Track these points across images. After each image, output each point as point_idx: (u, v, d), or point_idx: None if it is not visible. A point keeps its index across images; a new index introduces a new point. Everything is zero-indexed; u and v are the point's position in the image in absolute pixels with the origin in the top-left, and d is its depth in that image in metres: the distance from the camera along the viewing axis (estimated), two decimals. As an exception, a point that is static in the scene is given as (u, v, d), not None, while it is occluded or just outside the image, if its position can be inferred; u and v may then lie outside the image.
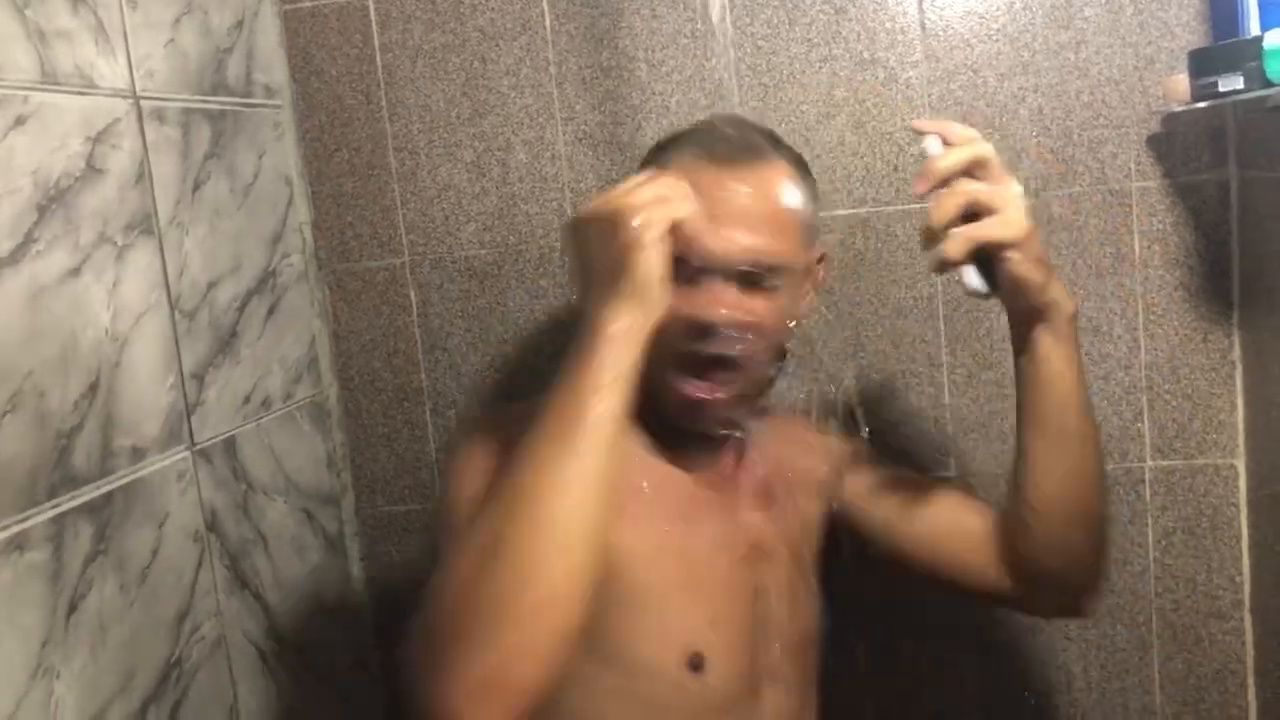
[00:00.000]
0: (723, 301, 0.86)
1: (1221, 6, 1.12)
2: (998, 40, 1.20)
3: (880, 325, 1.26)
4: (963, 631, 1.28)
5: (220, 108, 1.18)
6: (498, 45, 1.28)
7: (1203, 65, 1.04)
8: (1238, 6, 1.07)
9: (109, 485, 0.95)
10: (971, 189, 0.77)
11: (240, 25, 1.23)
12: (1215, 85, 1.02)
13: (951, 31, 1.20)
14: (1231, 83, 1.01)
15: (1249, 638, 1.24)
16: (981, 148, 0.78)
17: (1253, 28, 1.05)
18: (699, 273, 0.85)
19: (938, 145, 0.80)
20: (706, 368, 0.88)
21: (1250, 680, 1.25)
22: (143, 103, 1.04)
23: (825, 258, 0.98)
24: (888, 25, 1.21)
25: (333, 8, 1.30)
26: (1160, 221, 1.20)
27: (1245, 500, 1.22)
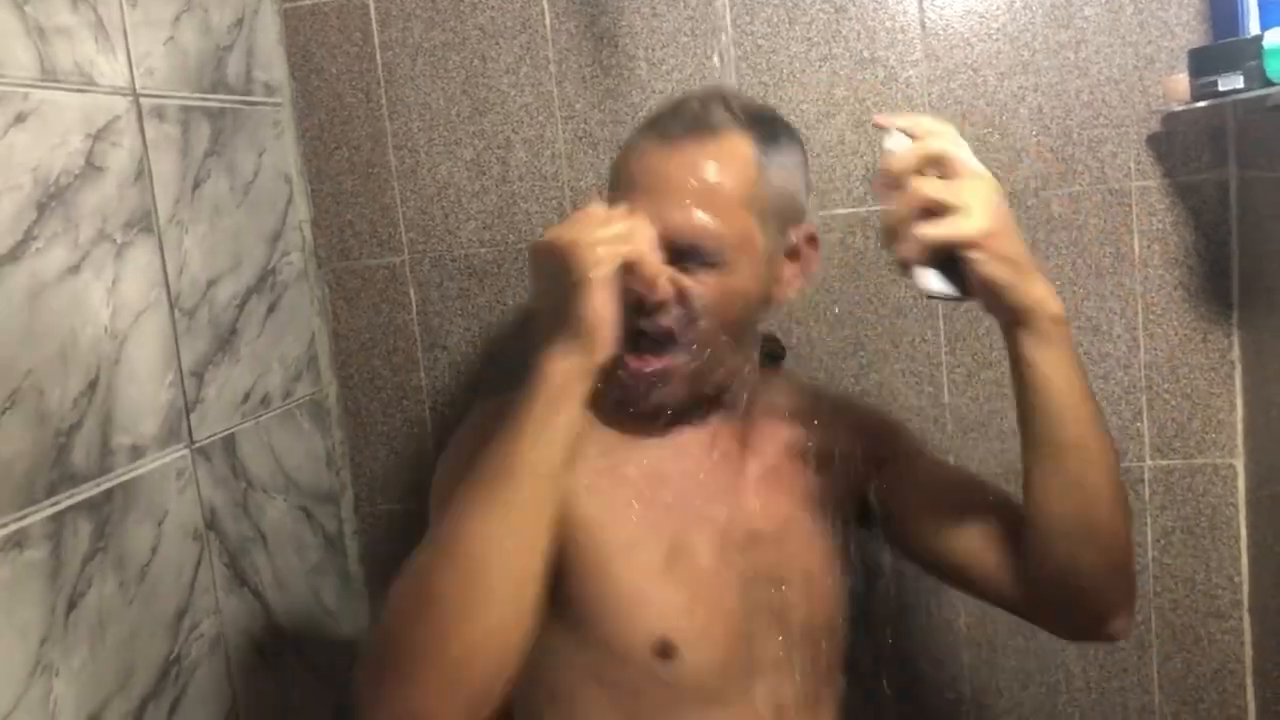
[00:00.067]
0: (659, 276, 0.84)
1: (1221, 6, 1.12)
2: (998, 39, 1.20)
3: (880, 325, 1.26)
4: (962, 630, 1.28)
5: (220, 106, 1.18)
6: (498, 43, 1.28)
7: (1203, 65, 1.04)
8: (1238, 6, 1.07)
9: (108, 483, 0.95)
10: (927, 187, 0.73)
11: (240, 23, 1.23)
12: (1215, 85, 1.02)
13: (951, 31, 1.20)
14: (1231, 82, 1.01)
15: (1248, 637, 1.24)
16: (937, 144, 0.75)
17: (1253, 27, 1.06)
18: None
19: (901, 141, 0.77)
20: (646, 343, 0.87)
21: (1249, 680, 1.25)
22: (142, 100, 1.04)
23: (814, 238, 0.92)
24: (888, 24, 1.21)
25: (333, 6, 1.30)
26: (1160, 221, 1.20)
27: (1244, 500, 1.22)
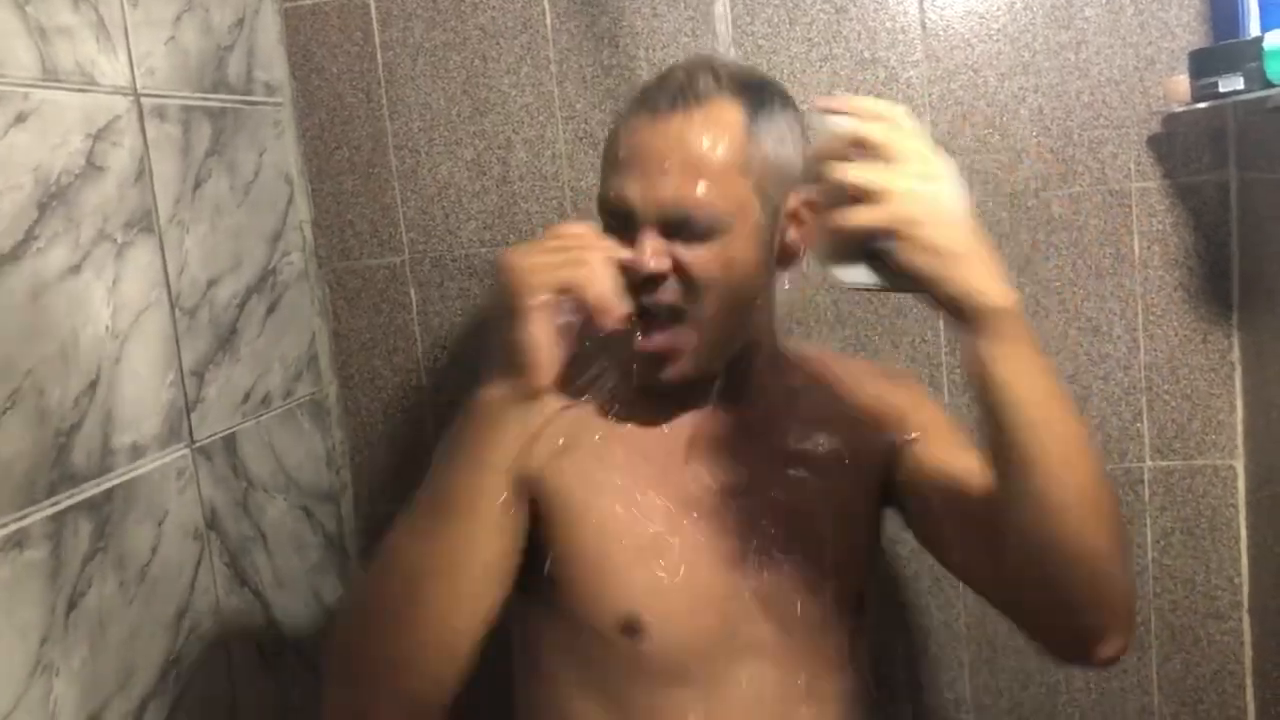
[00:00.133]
0: (649, 251, 0.84)
1: (1222, 7, 1.12)
2: (998, 40, 1.20)
3: (880, 325, 1.26)
4: (962, 630, 1.28)
5: (221, 105, 1.18)
6: (498, 43, 1.28)
7: (1203, 66, 1.04)
8: (1238, 7, 1.07)
9: (108, 483, 0.95)
10: (838, 172, 0.70)
11: (241, 23, 1.23)
12: (1215, 86, 1.02)
13: (952, 31, 1.20)
14: (1232, 83, 1.01)
15: (1247, 638, 1.24)
16: (865, 129, 0.70)
17: (1253, 28, 1.06)
18: (634, 224, 0.84)
19: (842, 125, 0.73)
20: (650, 319, 0.86)
21: (1248, 681, 1.25)
22: (143, 100, 1.04)
23: (813, 202, 0.84)
24: (888, 25, 1.21)
25: (333, 5, 1.30)
26: (1160, 222, 1.20)
27: (1244, 501, 1.22)
